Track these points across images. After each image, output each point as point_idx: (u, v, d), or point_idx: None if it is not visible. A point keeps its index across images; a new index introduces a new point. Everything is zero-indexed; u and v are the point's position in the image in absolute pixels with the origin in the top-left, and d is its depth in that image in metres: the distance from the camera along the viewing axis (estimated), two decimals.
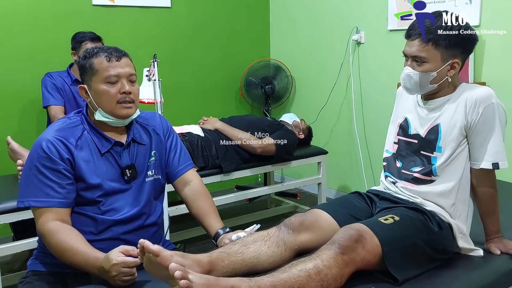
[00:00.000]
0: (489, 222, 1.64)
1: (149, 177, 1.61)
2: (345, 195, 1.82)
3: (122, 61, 1.52)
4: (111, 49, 1.53)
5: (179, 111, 3.57)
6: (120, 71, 1.50)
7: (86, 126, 1.54)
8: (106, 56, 1.49)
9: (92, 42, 2.83)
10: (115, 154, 1.55)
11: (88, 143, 1.52)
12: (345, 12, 3.55)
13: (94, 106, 1.53)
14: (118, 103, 1.50)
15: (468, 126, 1.56)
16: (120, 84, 1.50)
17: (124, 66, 1.52)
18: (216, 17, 3.92)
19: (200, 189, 1.73)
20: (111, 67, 1.49)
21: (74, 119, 1.56)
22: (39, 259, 1.55)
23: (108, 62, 1.49)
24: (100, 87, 1.50)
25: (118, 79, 1.50)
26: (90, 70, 1.50)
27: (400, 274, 1.41)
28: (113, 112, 1.51)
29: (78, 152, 1.49)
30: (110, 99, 1.50)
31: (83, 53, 1.54)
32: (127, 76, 1.52)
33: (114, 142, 1.55)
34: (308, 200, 3.81)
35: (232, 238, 1.54)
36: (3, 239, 2.65)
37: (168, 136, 1.72)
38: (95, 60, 1.50)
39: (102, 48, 1.53)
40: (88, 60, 1.51)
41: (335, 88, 3.66)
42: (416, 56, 1.56)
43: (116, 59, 1.50)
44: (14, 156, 2.27)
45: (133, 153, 1.59)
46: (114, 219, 1.51)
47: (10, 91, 3.10)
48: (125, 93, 1.50)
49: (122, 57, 1.52)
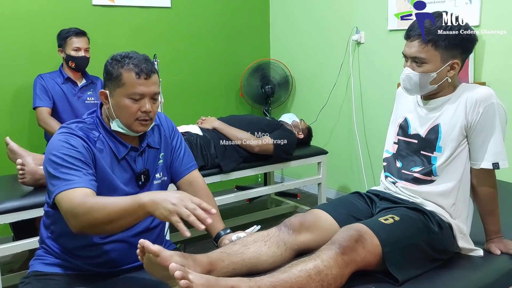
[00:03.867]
0: (489, 222, 1.64)
1: (157, 180, 1.61)
2: (345, 195, 1.82)
3: (151, 80, 1.48)
4: (142, 63, 1.47)
5: (179, 111, 3.57)
6: (146, 91, 1.47)
7: (101, 130, 1.52)
8: (136, 73, 1.45)
9: (76, 36, 2.85)
10: (129, 159, 1.54)
11: (105, 146, 1.51)
12: (345, 12, 3.55)
13: (111, 115, 1.50)
14: (136, 120, 1.49)
15: (468, 126, 1.56)
16: (142, 102, 1.48)
17: (151, 85, 1.48)
18: (216, 17, 3.92)
19: (203, 190, 1.74)
20: (138, 85, 1.45)
21: (88, 122, 1.53)
22: (41, 260, 1.54)
23: (137, 79, 1.45)
24: (123, 101, 1.47)
25: (142, 97, 1.47)
26: (116, 81, 1.46)
27: (400, 274, 1.41)
28: (129, 127, 1.50)
29: (98, 154, 1.47)
30: (129, 115, 1.48)
31: (112, 59, 1.49)
32: (151, 95, 1.49)
33: (130, 148, 1.54)
34: (308, 200, 3.81)
35: (232, 238, 1.54)
36: (3, 239, 2.65)
37: (173, 136, 1.71)
38: (124, 72, 1.45)
39: (133, 59, 1.47)
40: (116, 69, 1.46)
41: (335, 88, 3.66)
42: (416, 57, 1.56)
43: (145, 77, 1.46)
44: (13, 156, 2.26)
45: (145, 158, 1.59)
46: None
47: (10, 91, 3.10)
48: (146, 112, 1.49)
49: (152, 75, 1.48)
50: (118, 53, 1.51)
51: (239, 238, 1.52)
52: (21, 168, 2.15)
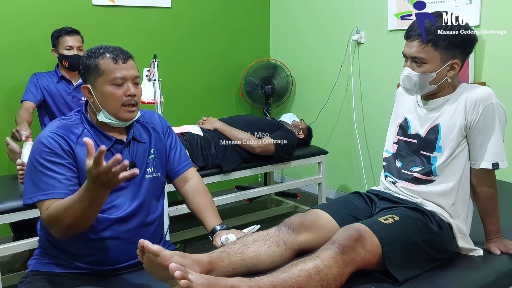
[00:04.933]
0: (489, 222, 1.64)
1: (148, 174, 1.62)
2: (345, 195, 1.82)
3: (128, 63, 1.52)
4: (117, 50, 1.52)
5: (179, 111, 3.57)
6: (126, 74, 1.50)
7: (86, 125, 1.54)
8: (112, 58, 1.49)
9: (68, 35, 2.84)
10: (115, 152, 1.54)
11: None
12: (345, 12, 3.55)
13: (97, 107, 1.52)
14: (122, 106, 1.51)
15: (468, 126, 1.56)
16: (125, 87, 1.51)
17: (130, 69, 1.52)
18: (216, 17, 3.92)
19: (200, 186, 1.75)
20: (118, 69, 1.49)
21: (73, 118, 1.56)
22: (40, 259, 1.55)
23: (114, 64, 1.49)
24: (106, 89, 1.49)
25: (124, 81, 1.50)
26: (95, 71, 1.49)
27: (400, 274, 1.41)
28: (116, 115, 1.52)
29: (79, 148, 1.48)
30: (115, 101, 1.50)
31: (87, 52, 1.53)
32: (132, 79, 1.52)
33: (114, 140, 1.55)
34: (308, 200, 3.81)
35: (221, 239, 1.54)
36: (3, 239, 2.65)
37: (167, 135, 1.72)
38: (101, 61, 1.49)
39: (107, 49, 1.52)
40: (93, 60, 1.50)
41: (335, 88, 3.66)
42: (416, 57, 1.56)
43: (122, 61, 1.50)
44: (13, 156, 2.27)
45: (133, 151, 1.59)
46: (114, 218, 1.51)
47: (10, 91, 3.10)
48: (130, 96, 1.51)
49: (128, 59, 1.53)
50: (92, 47, 1.55)
51: (227, 239, 1.52)
52: (21, 168, 2.15)
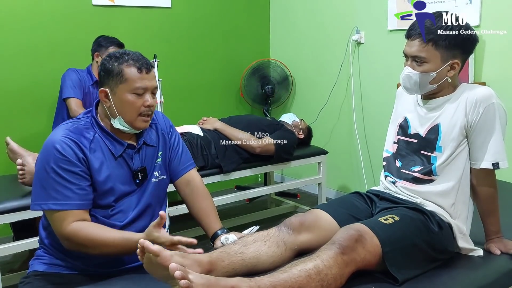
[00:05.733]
0: (489, 222, 1.64)
1: (155, 178, 1.62)
2: (345, 195, 1.82)
3: (151, 74, 1.52)
4: (141, 59, 1.50)
5: (179, 111, 3.57)
6: (148, 84, 1.50)
7: (96, 129, 1.53)
8: (138, 68, 1.48)
9: (117, 47, 2.91)
10: (126, 157, 1.55)
11: (101, 146, 1.51)
12: (345, 12, 3.55)
13: (113, 112, 1.51)
14: (139, 115, 1.51)
15: (468, 126, 1.56)
16: (145, 97, 1.50)
17: (152, 79, 1.52)
18: (216, 17, 3.92)
19: (201, 189, 1.74)
20: (141, 79, 1.48)
21: (83, 121, 1.54)
22: (41, 259, 1.55)
23: (139, 74, 1.48)
24: (126, 97, 1.48)
25: (144, 91, 1.50)
26: (118, 77, 1.48)
27: (400, 274, 1.41)
28: (132, 123, 1.52)
29: (92, 155, 1.48)
30: (133, 110, 1.50)
31: (108, 56, 1.52)
32: (152, 89, 1.53)
33: (126, 146, 1.55)
34: (308, 200, 3.81)
35: (221, 239, 1.55)
36: (3, 239, 2.65)
37: (171, 134, 1.72)
38: (125, 68, 1.47)
39: (131, 56, 1.50)
40: (116, 66, 1.48)
41: (335, 88, 3.66)
42: (416, 56, 1.56)
43: (146, 71, 1.49)
44: (13, 156, 2.26)
45: (143, 155, 1.59)
46: (122, 224, 1.52)
47: (11, 91, 3.10)
48: (149, 106, 1.51)
49: (151, 69, 1.52)
50: (113, 51, 1.54)
51: (227, 239, 1.53)
52: (21, 168, 2.15)
